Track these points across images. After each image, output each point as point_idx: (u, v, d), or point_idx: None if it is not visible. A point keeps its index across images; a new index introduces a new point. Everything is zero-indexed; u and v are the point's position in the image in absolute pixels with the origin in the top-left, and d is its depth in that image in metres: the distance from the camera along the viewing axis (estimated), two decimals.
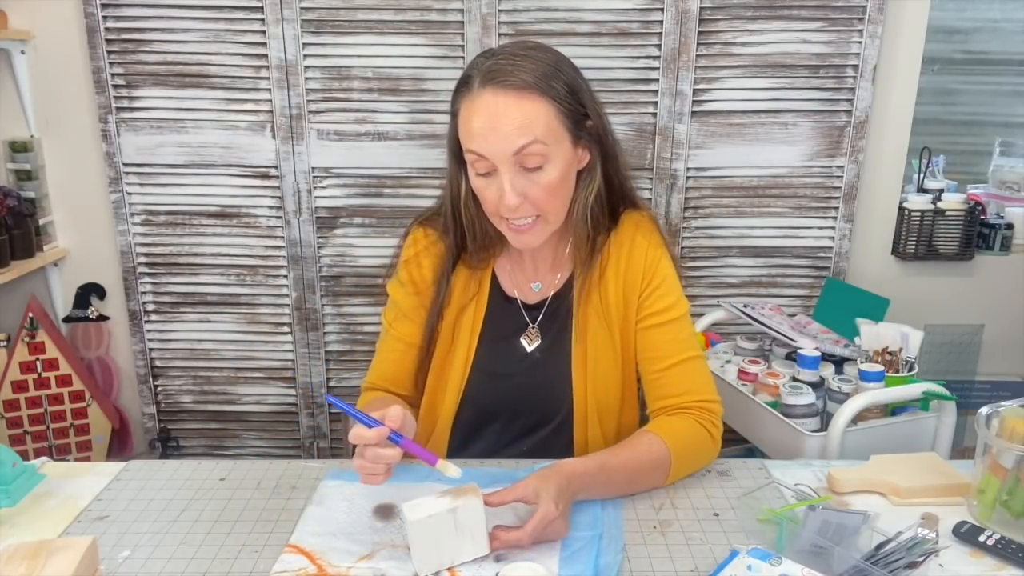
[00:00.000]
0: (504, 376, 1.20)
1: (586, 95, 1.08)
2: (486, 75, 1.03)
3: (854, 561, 0.87)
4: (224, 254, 2.27)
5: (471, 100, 1.03)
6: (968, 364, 2.40)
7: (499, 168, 1.03)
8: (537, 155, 1.03)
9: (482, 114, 1.02)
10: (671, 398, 1.15)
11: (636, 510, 1.05)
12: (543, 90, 1.02)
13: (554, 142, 1.04)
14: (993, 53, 2.55)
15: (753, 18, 2.08)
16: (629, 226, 1.18)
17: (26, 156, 2.19)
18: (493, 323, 1.21)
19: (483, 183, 1.07)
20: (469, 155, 1.05)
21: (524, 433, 1.21)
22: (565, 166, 1.06)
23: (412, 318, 1.21)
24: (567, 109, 1.04)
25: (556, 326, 1.20)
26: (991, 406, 1.03)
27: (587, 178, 1.12)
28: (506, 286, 1.22)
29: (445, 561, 0.91)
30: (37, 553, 0.86)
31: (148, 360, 2.34)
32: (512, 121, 1.01)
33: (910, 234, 2.27)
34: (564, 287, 1.20)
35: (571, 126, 1.06)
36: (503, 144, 1.01)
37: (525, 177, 1.04)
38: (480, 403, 1.21)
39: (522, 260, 1.21)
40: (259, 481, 1.12)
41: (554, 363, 1.19)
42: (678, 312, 1.16)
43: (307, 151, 2.18)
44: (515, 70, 1.02)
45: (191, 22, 2.09)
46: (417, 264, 1.21)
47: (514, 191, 1.03)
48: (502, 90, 1.01)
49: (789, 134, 2.16)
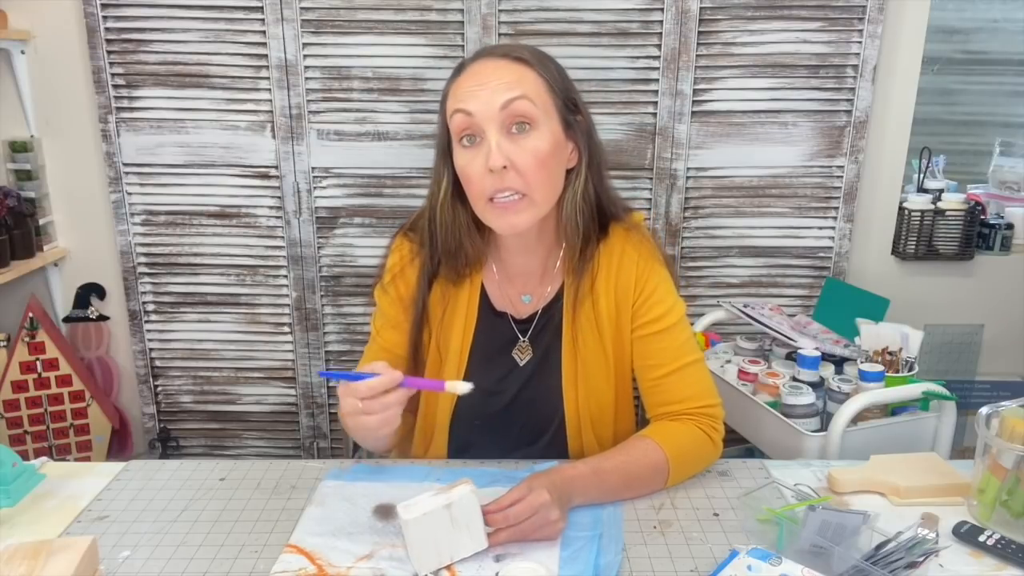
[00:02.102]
0: (496, 392, 1.19)
1: (577, 95, 1.10)
2: (477, 52, 1.09)
3: (854, 561, 0.87)
4: (224, 254, 2.27)
5: (461, 76, 1.06)
6: (968, 364, 2.40)
7: (485, 129, 1.02)
8: (525, 115, 1.02)
9: (471, 76, 1.04)
10: (670, 405, 1.14)
11: (636, 510, 1.05)
12: (534, 64, 1.05)
13: (543, 108, 1.04)
14: (993, 53, 2.55)
15: (753, 18, 2.08)
16: (618, 237, 1.17)
17: (26, 156, 2.19)
18: (483, 339, 1.19)
19: (468, 158, 1.04)
20: (456, 119, 1.04)
21: (518, 446, 1.20)
22: (553, 142, 1.05)
23: (398, 328, 1.20)
24: (558, 89, 1.06)
25: (547, 339, 1.18)
26: (991, 406, 1.03)
27: (574, 178, 1.11)
28: (496, 301, 1.20)
29: (444, 558, 0.91)
30: (37, 553, 0.86)
31: (148, 360, 2.34)
32: (501, 78, 1.02)
33: (910, 234, 2.27)
34: (554, 300, 1.18)
35: (561, 107, 1.07)
36: (491, 98, 1.01)
37: (512, 142, 1.03)
38: (473, 419, 1.20)
39: (513, 272, 1.19)
40: (259, 481, 1.12)
41: (545, 376, 1.18)
42: (673, 319, 1.15)
43: (307, 151, 2.18)
44: (507, 47, 1.08)
45: (191, 22, 2.09)
46: (402, 275, 1.19)
47: (500, 151, 1.01)
48: (492, 59, 1.05)
49: (789, 134, 2.16)
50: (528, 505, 0.94)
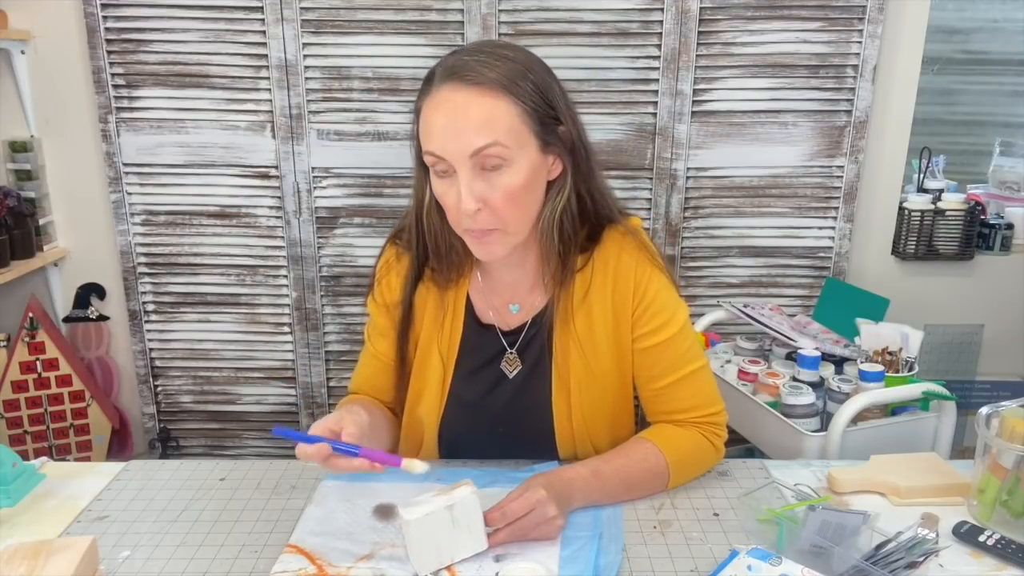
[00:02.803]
0: (482, 407, 1.16)
1: (558, 98, 1.01)
2: (448, 71, 0.97)
3: (854, 561, 0.87)
4: (224, 254, 2.27)
5: (430, 98, 0.98)
6: (968, 364, 2.40)
7: (457, 169, 0.97)
8: (497, 157, 0.96)
9: (440, 112, 0.96)
10: (673, 414, 1.13)
11: (636, 510, 1.05)
12: (507, 88, 0.96)
13: (517, 145, 0.97)
14: (993, 53, 2.55)
15: (753, 18, 2.08)
16: (612, 244, 1.11)
17: (26, 156, 2.19)
18: (468, 352, 1.15)
19: (443, 187, 1.00)
20: (428, 156, 0.99)
21: (506, 458, 1.18)
22: (529, 172, 0.99)
23: (385, 335, 1.19)
24: (534, 110, 0.98)
25: (536, 350, 1.14)
26: (991, 406, 1.03)
27: (557, 189, 1.04)
28: (481, 311, 1.16)
29: (444, 559, 0.91)
30: (37, 553, 0.86)
31: (148, 360, 2.34)
32: (471, 120, 0.95)
33: (910, 234, 2.27)
34: (544, 310, 1.13)
35: (538, 129, 0.99)
36: (460, 144, 0.95)
37: (484, 180, 0.97)
38: (460, 434, 1.18)
39: (499, 282, 1.14)
40: (259, 481, 1.12)
41: (534, 389, 1.15)
42: (675, 328, 1.11)
43: (307, 151, 2.18)
44: (479, 66, 0.96)
45: (191, 22, 2.09)
46: (388, 284, 1.18)
47: (472, 195, 0.96)
48: (463, 86, 0.95)
49: (789, 134, 2.16)
50: (525, 501, 0.94)
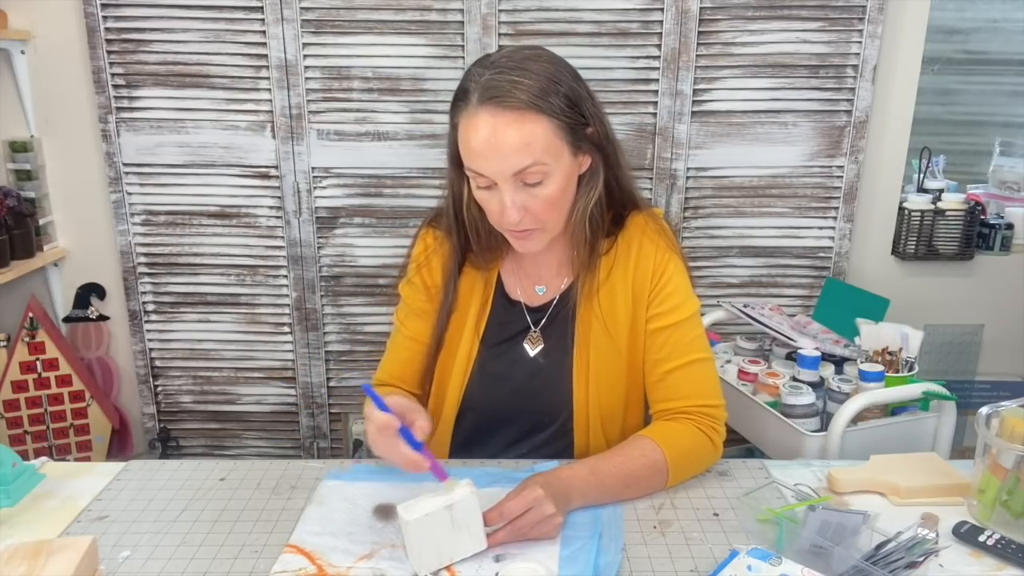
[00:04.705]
0: (505, 379, 1.20)
1: (586, 103, 1.07)
2: (484, 92, 1.01)
3: (854, 561, 0.87)
4: (224, 254, 2.27)
5: (469, 117, 1.03)
6: (968, 364, 2.40)
7: (499, 185, 1.04)
8: (537, 174, 1.03)
9: (481, 134, 1.01)
10: (673, 401, 1.14)
11: (636, 510, 1.05)
12: (541, 108, 1.01)
13: (554, 159, 1.04)
14: (993, 53, 2.55)
15: (753, 18, 2.08)
16: (636, 229, 1.18)
17: (26, 156, 2.19)
18: (496, 326, 1.21)
19: (485, 196, 1.08)
20: (469, 172, 1.06)
21: (524, 436, 1.21)
22: (565, 178, 1.06)
23: (423, 317, 1.22)
24: (565, 122, 1.04)
25: (559, 331, 1.19)
26: (991, 406, 1.03)
27: (588, 182, 1.11)
28: (510, 289, 1.22)
29: (444, 559, 0.92)
30: (37, 553, 0.86)
31: (148, 360, 2.34)
32: (511, 143, 1.01)
33: (910, 234, 2.27)
34: (569, 291, 1.19)
35: (570, 138, 1.05)
36: (502, 165, 1.02)
37: (525, 192, 1.05)
38: (481, 405, 1.21)
39: (527, 263, 1.21)
40: (259, 481, 1.12)
41: (555, 368, 1.19)
42: (685, 313, 1.15)
43: (307, 151, 2.18)
44: (512, 88, 1.01)
45: (191, 22, 2.09)
46: (428, 265, 1.22)
47: (515, 207, 1.04)
48: (500, 111, 1.01)
49: (789, 134, 2.16)
50: (522, 500, 0.94)
